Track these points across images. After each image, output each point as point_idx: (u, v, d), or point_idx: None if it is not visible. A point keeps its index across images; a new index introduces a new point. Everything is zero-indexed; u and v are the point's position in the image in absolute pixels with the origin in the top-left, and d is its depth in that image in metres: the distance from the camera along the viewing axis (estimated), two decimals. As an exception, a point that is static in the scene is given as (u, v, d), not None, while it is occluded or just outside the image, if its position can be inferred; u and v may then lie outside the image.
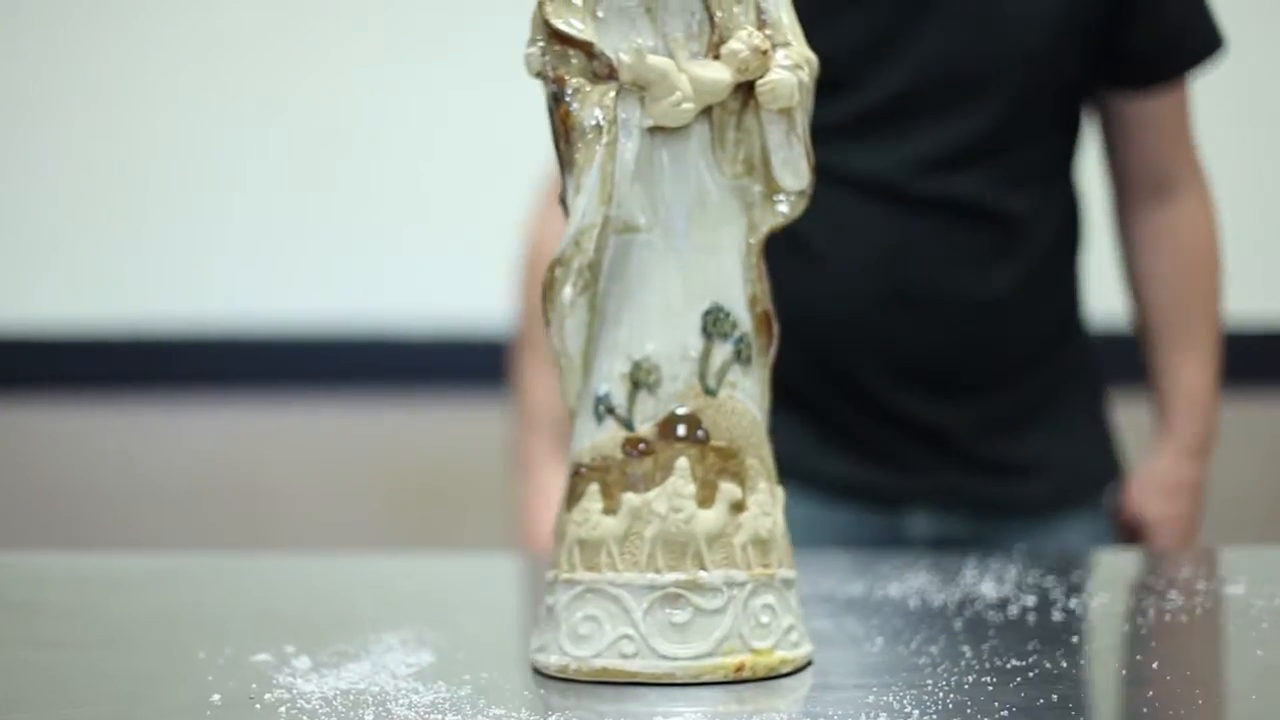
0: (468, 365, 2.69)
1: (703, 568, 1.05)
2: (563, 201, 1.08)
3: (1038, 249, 1.83)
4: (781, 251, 1.81)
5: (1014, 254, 1.82)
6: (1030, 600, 1.29)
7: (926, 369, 1.82)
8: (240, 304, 2.70)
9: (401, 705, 1.00)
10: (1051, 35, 1.77)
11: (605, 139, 1.04)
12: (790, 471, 1.81)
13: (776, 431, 1.85)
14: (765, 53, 1.06)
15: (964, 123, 1.78)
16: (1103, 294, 2.03)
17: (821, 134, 1.76)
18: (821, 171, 1.78)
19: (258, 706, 1.01)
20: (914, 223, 1.79)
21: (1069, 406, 1.89)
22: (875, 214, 1.79)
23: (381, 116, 2.72)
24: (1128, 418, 1.98)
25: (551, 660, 1.07)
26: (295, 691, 1.04)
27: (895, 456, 1.84)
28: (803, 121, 1.08)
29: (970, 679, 1.05)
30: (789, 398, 1.75)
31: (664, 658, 1.05)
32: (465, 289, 2.70)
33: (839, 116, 1.76)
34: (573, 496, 1.08)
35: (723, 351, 1.08)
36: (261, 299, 2.70)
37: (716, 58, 1.06)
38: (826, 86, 1.74)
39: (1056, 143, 1.84)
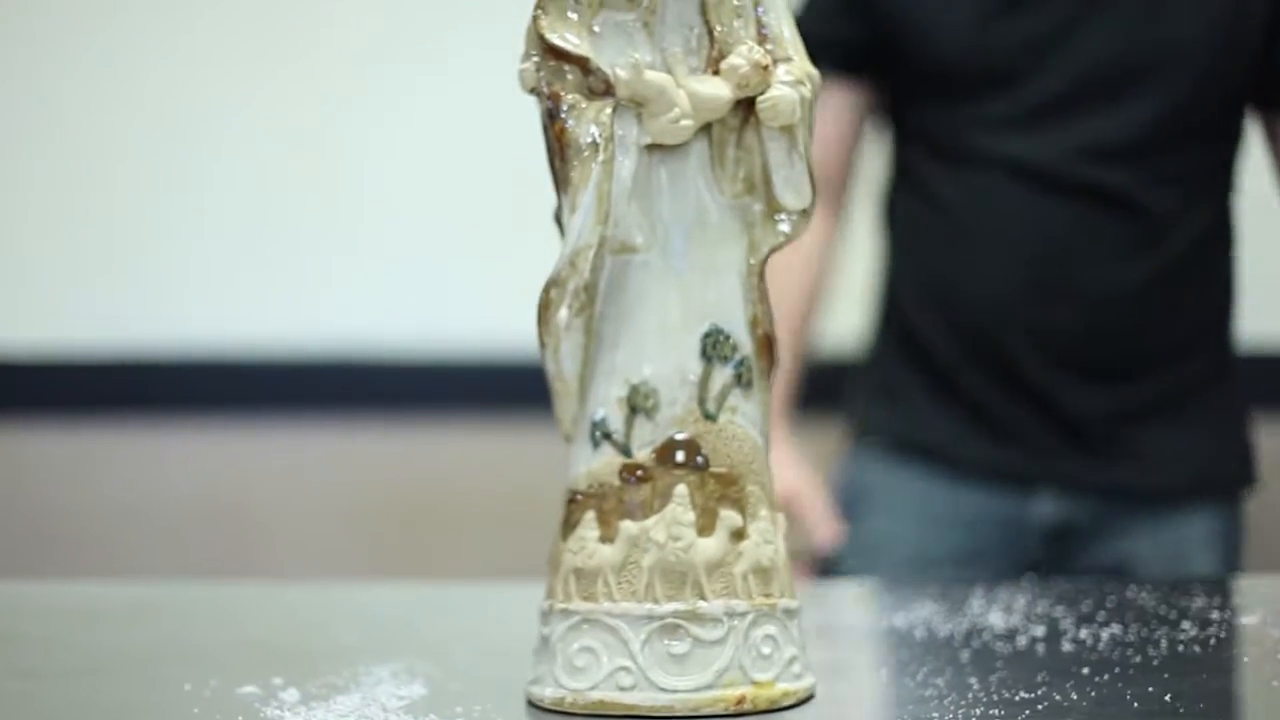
0: (460, 389, 2.69)
1: (702, 597, 1.05)
2: (558, 221, 1.08)
3: (1178, 248, 1.96)
4: (934, 230, 2.01)
5: (1154, 250, 1.95)
6: (1039, 630, 1.29)
7: (1063, 350, 1.97)
8: (224, 327, 2.70)
9: (392, 739, 1.00)
10: (1212, 45, 1.92)
11: (601, 157, 1.04)
12: (920, 449, 2.01)
13: (913, 408, 2.02)
14: (766, 68, 1.05)
15: (1121, 119, 1.93)
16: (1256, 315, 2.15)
17: (989, 124, 1.96)
18: (978, 157, 1.97)
19: (244, 741, 1.00)
20: (1062, 209, 1.94)
21: (1207, 405, 2.02)
22: (1026, 198, 1.95)
23: (366, 141, 2.72)
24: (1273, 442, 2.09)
25: (547, 693, 1.07)
26: (283, 725, 1.04)
27: (1026, 436, 1.98)
28: (804, 139, 1.08)
29: (978, 711, 1.05)
30: (929, 374, 2.01)
31: (663, 690, 1.04)
32: (454, 313, 2.70)
33: (1006, 109, 1.95)
34: (568, 525, 1.08)
35: (723, 375, 1.08)
36: (246, 322, 2.70)
37: (716, 73, 1.06)
38: (997, 80, 1.95)
39: (1213, 149, 1.98)
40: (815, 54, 2.00)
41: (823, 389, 2.23)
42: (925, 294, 2.03)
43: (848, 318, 2.32)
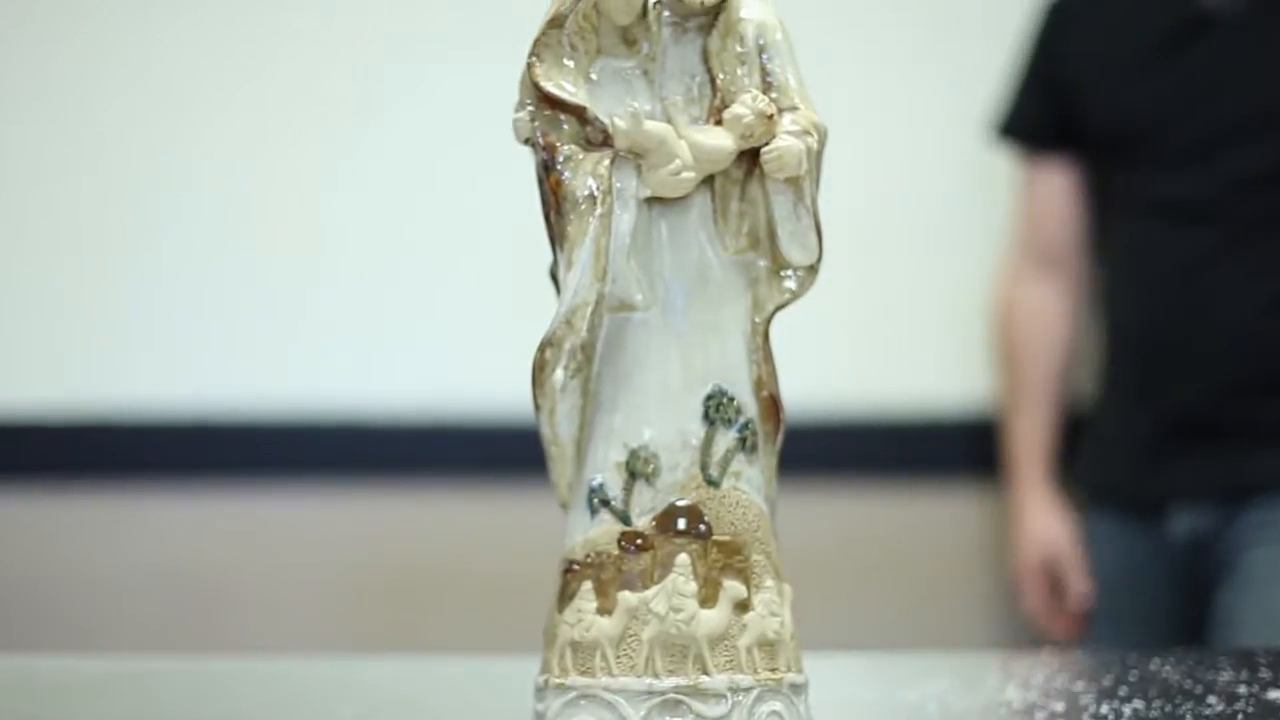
0: (450, 453, 2.68)
1: (705, 672, 1.04)
2: (553, 277, 1.07)
3: None
4: (1107, 277, 2.39)
5: None
6: (1059, 706, 1.28)
7: (1204, 369, 2.29)
8: (193, 386, 2.69)
9: (379, 822, 0.99)
10: None
11: (599, 210, 1.04)
12: (1101, 491, 2.38)
13: (1097, 449, 2.39)
14: (771, 118, 1.05)
15: (1256, 155, 2.29)
16: None
17: (1142, 170, 2.32)
18: (1134, 201, 2.33)
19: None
20: (1200, 237, 2.29)
21: None
22: (1169, 231, 2.30)
23: (351, 193, 2.72)
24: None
25: (542, 773, 1.06)
26: (264, 807, 1.03)
27: (1166, 457, 2.31)
28: (811, 191, 1.07)
29: (995, 792, 1.04)
30: (1109, 412, 2.40)
31: (664, 769, 1.04)
32: (443, 373, 2.70)
33: (1154, 155, 2.32)
34: (564, 596, 1.07)
35: (726, 439, 1.07)
36: (223, 381, 2.69)
37: (718, 123, 1.06)
38: (1147, 130, 2.31)
39: None
40: (1026, 141, 2.46)
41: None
42: (1106, 338, 2.41)
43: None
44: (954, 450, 2.62)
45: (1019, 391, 2.48)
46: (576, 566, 1.07)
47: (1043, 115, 2.43)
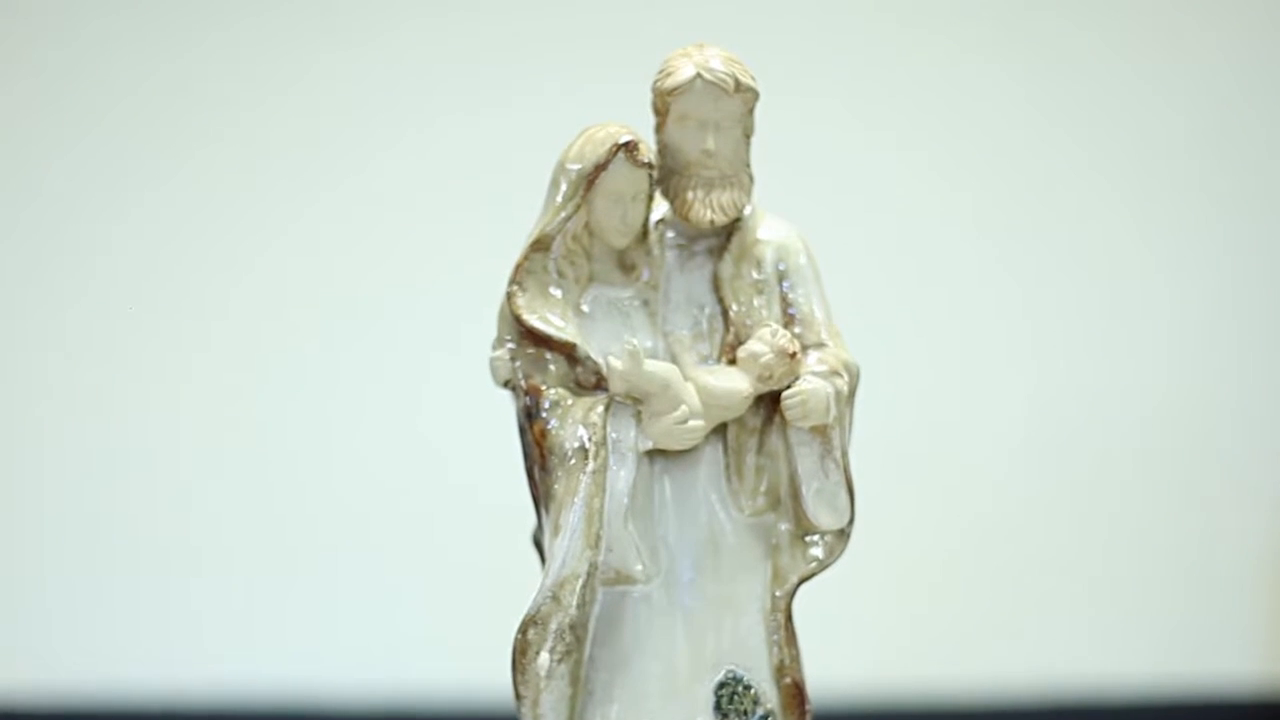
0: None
1: None
2: (537, 544, 1.05)
3: None
4: None
5: None
6: None
7: None
8: (150, 670, 2.66)
9: None
10: None
11: (591, 465, 1.01)
12: None
13: None
14: (794, 356, 1.02)
15: None
16: None
17: None
18: None
19: None
20: None
21: None
22: None
23: (300, 462, 2.70)
24: None
25: None
26: None
27: None
28: (842, 442, 1.04)
29: None
30: None
31: None
32: (413, 657, 2.66)
33: None
34: None
35: (742, 735, 1.04)
36: (174, 664, 2.66)
37: (732, 362, 1.03)
38: None
39: None
40: None
41: None
42: None
43: None
44: None
45: None
46: None
47: None
